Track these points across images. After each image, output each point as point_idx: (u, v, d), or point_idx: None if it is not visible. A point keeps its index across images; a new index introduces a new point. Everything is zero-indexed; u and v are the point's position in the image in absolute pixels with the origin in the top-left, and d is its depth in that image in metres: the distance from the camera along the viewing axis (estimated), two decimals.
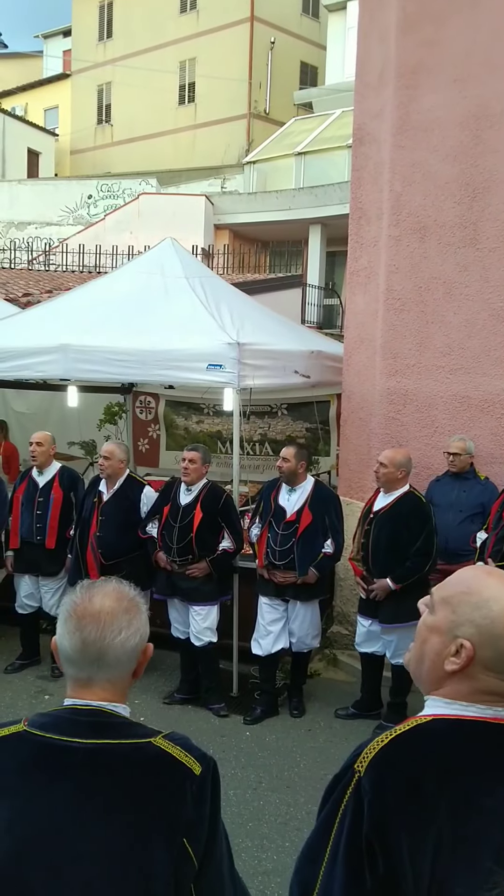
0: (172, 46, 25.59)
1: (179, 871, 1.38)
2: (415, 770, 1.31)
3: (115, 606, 1.50)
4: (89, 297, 6.65)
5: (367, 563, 5.16)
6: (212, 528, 5.28)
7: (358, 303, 6.56)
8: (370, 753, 1.34)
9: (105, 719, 1.46)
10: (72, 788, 1.39)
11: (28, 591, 5.86)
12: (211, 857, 1.44)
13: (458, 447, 5.62)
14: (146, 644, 1.54)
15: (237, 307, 6.39)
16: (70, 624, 1.48)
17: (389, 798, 1.29)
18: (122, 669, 1.51)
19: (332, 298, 17.81)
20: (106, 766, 1.41)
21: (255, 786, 4.41)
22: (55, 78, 31.21)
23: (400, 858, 1.25)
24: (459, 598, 1.40)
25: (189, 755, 1.47)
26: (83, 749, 1.41)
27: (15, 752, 1.43)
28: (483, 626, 1.36)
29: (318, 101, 21.75)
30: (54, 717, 1.48)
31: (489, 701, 1.36)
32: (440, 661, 1.39)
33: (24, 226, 20.67)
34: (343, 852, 1.30)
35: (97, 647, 1.46)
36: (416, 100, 5.95)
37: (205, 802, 1.44)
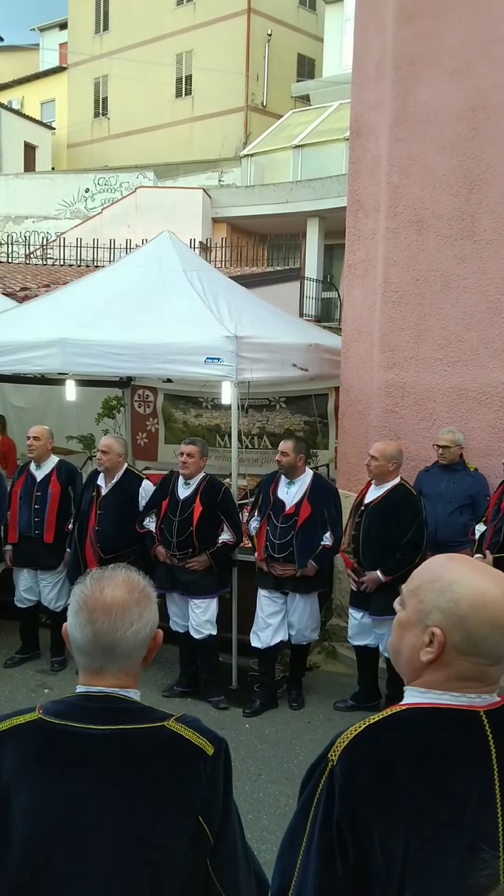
0: (169, 39, 25.49)
1: (197, 848, 1.43)
2: (386, 757, 1.32)
3: (127, 598, 1.51)
4: (87, 291, 6.64)
5: (357, 555, 5.17)
6: (211, 521, 5.28)
7: (356, 296, 6.55)
8: (344, 742, 1.36)
9: (118, 705, 1.49)
10: (89, 774, 1.42)
11: (27, 585, 5.87)
12: (225, 834, 1.49)
13: (447, 439, 5.63)
14: (156, 631, 1.56)
15: (235, 300, 6.39)
16: (81, 616, 1.49)
17: (360, 785, 1.31)
18: (134, 659, 1.53)
19: (330, 292, 17.79)
20: (121, 751, 1.45)
21: (254, 778, 4.43)
22: (52, 71, 31.09)
23: (370, 845, 1.27)
24: (425, 588, 1.41)
25: (202, 736, 1.51)
26: (99, 735, 1.44)
27: (31, 740, 1.46)
28: (448, 609, 1.36)
29: (315, 93, 21.70)
30: (68, 704, 1.50)
31: (464, 687, 1.37)
32: (416, 654, 1.40)
33: (22, 220, 20.63)
34: (317, 840, 1.32)
35: (109, 640, 1.48)
36: (413, 91, 5.94)
37: (218, 781, 1.49)
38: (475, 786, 1.30)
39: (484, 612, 1.33)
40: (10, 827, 1.39)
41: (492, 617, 1.33)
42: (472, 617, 1.34)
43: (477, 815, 1.28)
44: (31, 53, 33.65)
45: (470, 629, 1.34)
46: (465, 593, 1.35)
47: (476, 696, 1.37)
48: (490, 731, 1.34)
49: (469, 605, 1.34)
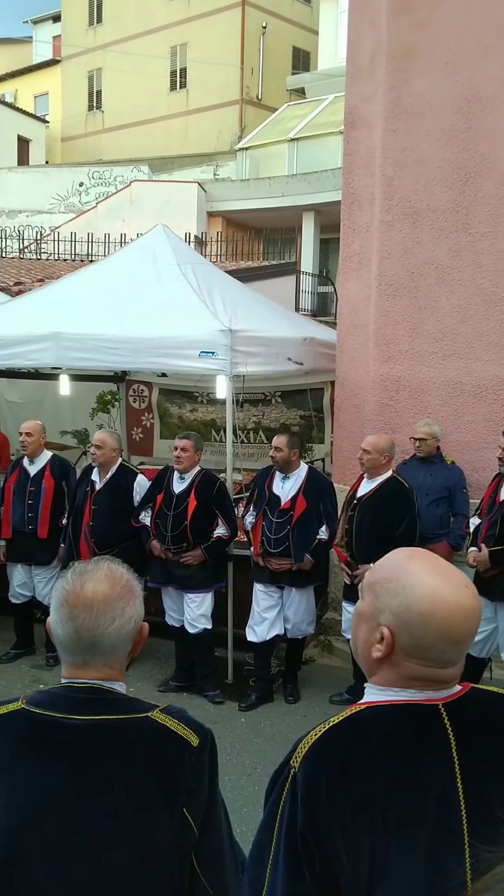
0: (163, 31, 25.36)
1: (181, 840, 1.41)
2: (345, 759, 1.31)
3: (109, 593, 1.48)
4: (80, 285, 6.61)
5: (351, 548, 5.17)
6: (206, 515, 5.27)
7: (350, 289, 6.53)
8: (304, 747, 1.34)
9: (102, 696, 1.47)
10: (71, 764, 1.40)
11: (21, 581, 5.86)
12: (210, 826, 1.47)
13: (424, 432, 5.64)
14: (141, 625, 1.54)
15: (229, 294, 6.36)
16: (63, 612, 1.47)
17: (320, 791, 1.29)
18: (118, 654, 1.51)
19: (326, 286, 17.76)
20: (104, 741, 1.43)
21: (249, 771, 4.43)
22: (45, 64, 30.93)
23: (335, 852, 1.25)
24: (381, 585, 1.39)
25: (186, 727, 1.49)
26: (82, 725, 1.43)
27: (14, 730, 1.45)
28: (399, 613, 1.34)
29: (310, 86, 21.62)
30: (52, 694, 1.49)
31: (418, 686, 1.35)
32: (368, 649, 1.39)
33: (16, 214, 20.54)
34: (283, 851, 1.30)
35: (90, 636, 1.46)
36: (407, 83, 5.91)
37: (203, 773, 1.47)
38: (436, 781, 1.28)
39: (432, 622, 1.31)
40: None
41: (439, 627, 1.31)
42: (419, 625, 1.32)
43: (438, 811, 1.26)
44: (24, 46, 33.46)
45: (417, 636, 1.33)
46: (416, 600, 1.33)
47: (433, 691, 1.35)
48: (449, 723, 1.33)
49: (418, 613, 1.32)
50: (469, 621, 1.34)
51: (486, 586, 4.86)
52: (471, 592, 1.36)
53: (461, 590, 1.35)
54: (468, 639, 1.35)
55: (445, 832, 1.25)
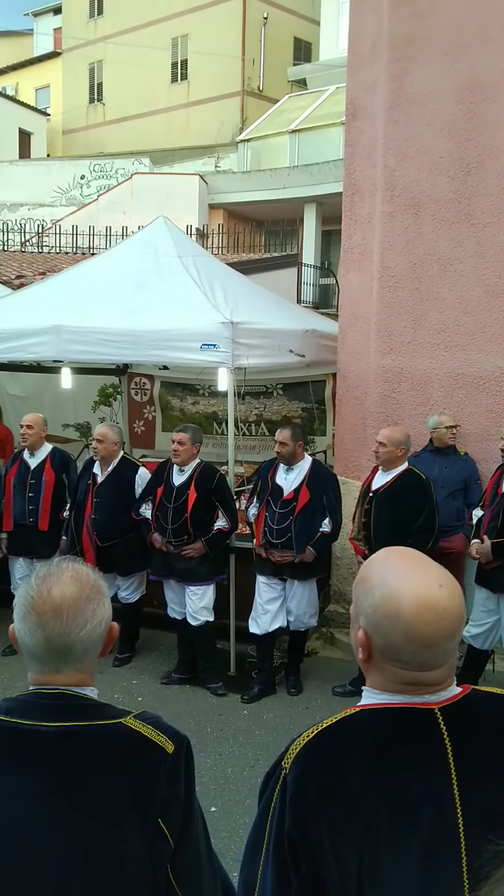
0: (164, 23, 25.24)
1: (155, 852, 1.35)
2: (336, 764, 1.28)
3: (78, 596, 1.42)
4: (81, 278, 6.60)
5: (368, 542, 5.16)
6: (206, 507, 5.27)
7: (352, 280, 6.51)
8: (296, 748, 1.32)
9: (72, 702, 1.42)
10: (41, 772, 1.35)
11: (23, 574, 5.86)
12: (187, 837, 1.41)
13: (452, 420, 5.64)
14: (111, 625, 1.49)
15: (230, 286, 6.34)
16: (30, 620, 1.40)
17: (310, 794, 1.26)
18: (90, 658, 1.46)
19: (328, 278, 17.70)
20: (75, 748, 1.37)
21: (252, 763, 4.44)
22: (46, 56, 30.81)
23: (323, 857, 1.23)
24: (358, 586, 1.38)
25: (161, 734, 1.43)
26: (51, 732, 1.37)
27: None
28: (369, 614, 1.33)
29: (311, 77, 21.51)
30: (20, 701, 1.43)
31: (410, 690, 1.32)
32: (357, 651, 1.38)
33: (17, 207, 20.49)
34: (272, 853, 1.28)
35: (62, 643, 1.40)
36: (409, 73, 5.87)
37: (178, 781, 1.41)
38: (431, 787, 1.25)
39: (398, 624, 1.29)
40: None
41: (407, 629, 1.29)
42: (387, 627, 1.30)
43: (434, 817, 1.23)
44: (24, 39, 33.34)
45: (388, 638, 1.31)
46: (382, 602, 1.31)
47: (429, 694, 1.32)
48: (445, 728, 1.30)
49: (384, 615, 1.30)
50: (440, 622, 1.28)
51: (489, 578, 4.86)
52: (444, 592, 1.30)
53: (432, 589, 1.30)
54: (442, 641, 1.30)
55: (440, 839, 1.23)
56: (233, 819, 3.85)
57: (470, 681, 4.88)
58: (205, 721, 4.91)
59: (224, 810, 3.91)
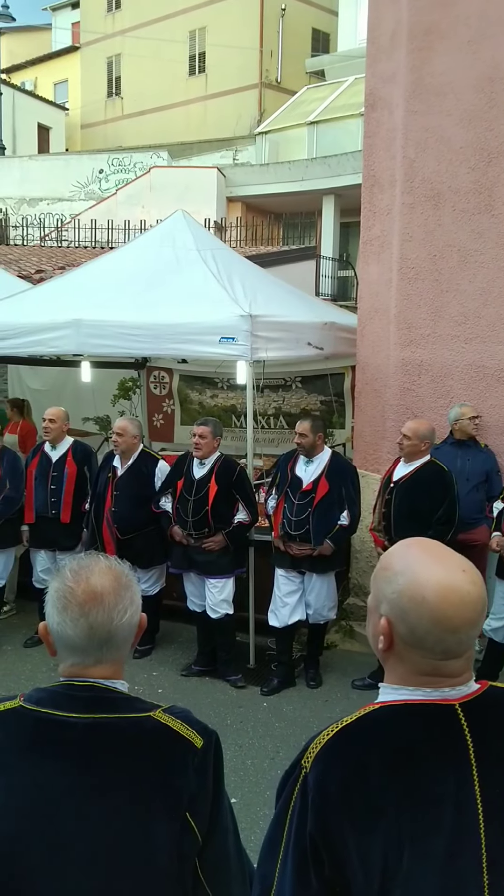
0: (182, 16, 25.21)
1: (183, 845, 1.36)
2: (358, 763, 1.27)
3: (116, 585, 1.44)
4: (101, 272, 6.62)
5: (389, 533, 5.14)
6: (227, 500, 5.28)
7: (371, 272, 6.48)
8: (316, 747, 1.31)
9: (102, 694, 1.43)
10: (70, 764, 1.36)
11: (45, 566, 5.91)
12: (215, 832, 1.41)
13: (473, 410, 5.61)
14: (141, 614, 1.51)
15: (249, 279, 6.34)
16: (72, 611, 1.41)
17: (333, 795, 1.25)
18: (127, 647, 1.48)
19: (346, 270, 17.63)
20: (104, 740, 1.38)
21: (272, 755, 4.45)
22: (64, 51, 30.88)
23: (346, 856, 1.22)
24: (378, 575, 1.38)
25: (190, 728, 1.44)
26: (80, 724, 1.38)
27: (11, 729, 1.41)
28: (393, 601, 1.32)
29: (330, 68, 21.38)
30: (51, 692, 1.44)
31: (429, 683, 1.32)
32: (376, 641, 1.37)
33: (36, 202, 20.59)
34: (292, 852, 1.28)
35: (105, 631, 1.42)
36: (429, 62, 5.82)
37: (207, 776, 1.41)
38: (452, 784, 1.25)
39: (424, 608, 1.28)
40: None
41: (433, 613, 1.28)
42: (412, 611, 1.29)
43: (456, 815, 1.23)
44: (43, 33, 33.42)
45: (412, 623, 1.30)
46: (407, 586, 1.30)
47: (449, 688, 1.32)
48: (466, 724, 1.29)
49: (409, 599, 1.30)
50: (465, 607, 1.28)
51: None
52: (468, 577, 1.30)
53: (457, 574, 1.30)
54: (467, 627, 1.29)
55: (461, 837, 1.22)
56: (252, 811, 3.87)
57: (490, 675, 4.86)
58: (224, 713, 4.93)
59: (244, 802, 3.93)
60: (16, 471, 5.80)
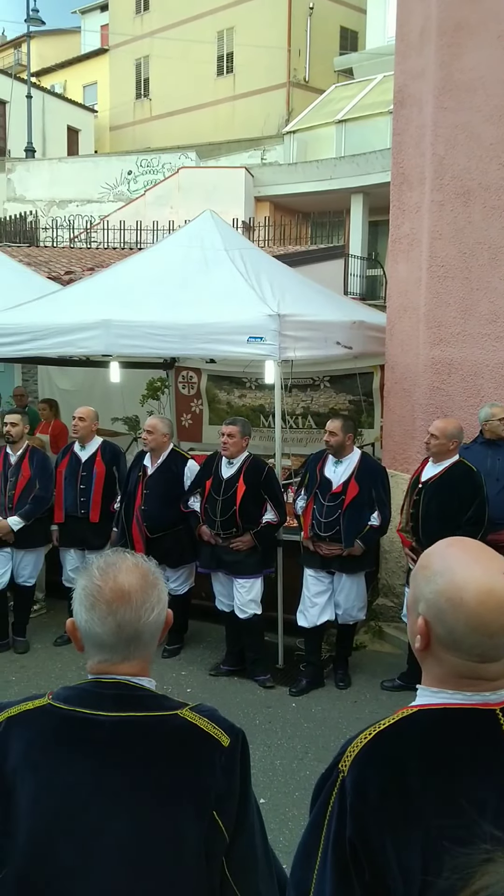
0: (210, 16, 25.25)
1: (210, 844, 1.35)
2: (397, 767, 1.25)
3: (143, 583, 1.45)
4: (129, 272, 6.65)
5: (416, 533, 5.10)
6: (255, 500, 5.28)
7: (400, 271, 6.43)
8: (353, 751, 1.29)
9: (129, 692, 1.43)
10: (97, 761, 1.37)
11: (74, 565, 5.95)
12: (242, 831, 1.41)
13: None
14: (167, 612, 1.51)
15: (277, 278, 6.33)
16: (100, 609, 1.42)
17: (371, 799, 1.24)
18: (154, 644, 1.49)
19: (375, 269, 17.53)
20: (131, 738, 1.39)
21: (301, 756, 4.44)
22: (93, 54, 31.13)
23: (385, 861, 1.20)
24: (417, 574, 1.36)
25: (217, 727, 1.44)
26: (108, 721, 1.39)
27: (40, 726, 1.42)
28: (431, 601, 1.30)
29: (358, 66, 21.27)
30: (79, 690, 1.45)
31: (468, 685, 1.29)
32: (414, 640, 1.35)
33: (66, 204, 20.76)
34: (331, 856, 1.26)
35: (133, 629, 1.43)
36: (458, 58, 5.77)
37: (234, 774, 1.41)
38: (493, 791, 1.22)
39: (461, 611, 1.26)
40: (16, 815, 1.34)
41: (468, 617, 1.26)
42: (449, 613, 1.27)
43: (495, 824, 1.18)
44: (73, 36, 33.72)
45: (449, 625, 1.28)
46: (445, 587, 1.28)
47: (490, 692, 1.29)
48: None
49: (446, 600, 1.28)
50: (502, 610, 1.26)
51: None
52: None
53: (497, 577, 1.27)
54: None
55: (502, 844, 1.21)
56: (281, 811, 3.86)
57: None
58: (253, 713, 4.93)
59: (272, 802, 3.92)
60: (45, 471, 5.85)
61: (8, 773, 1.38)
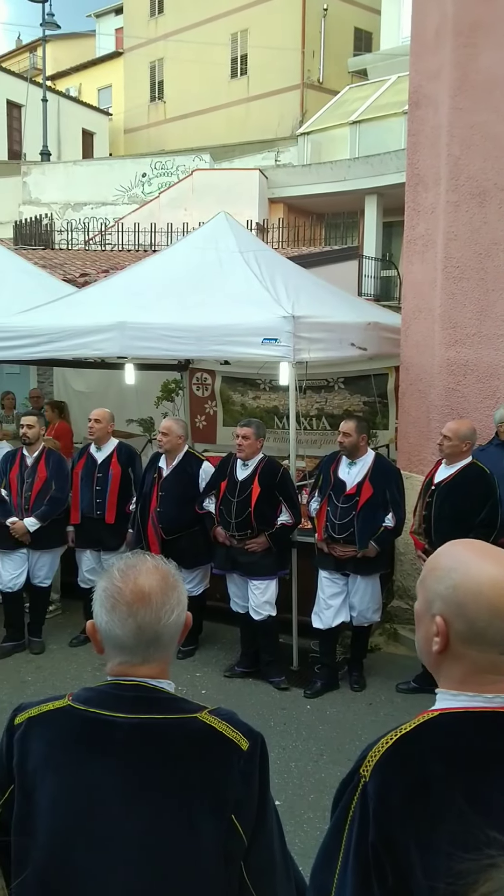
0: (223, 19, 25.30)
1: (229, 847, 1.35)
2: (421, 771, 1.24)
3: (163, 585, 1.45)
4: (144, 275, 6.67)
5: (429, 535, 5.08)
6: (270, 502, 5.28)
7: (415, 272, 6.41)
8: (375, 756, 1.28)
9: (148, 694, 1.43)
10: (116, 763, 1.37)
11: (90, 566, 5.98)
12: (261, 834, 1.41)
13: None
14: (187, 614, 1.51)
15: (292, 280, 6.33)
16: (120, 611, 1.43)
17: (394, 803, 1.23)
18: (173, 646, 1.49)
19: (389, 270, 17.50)
20: (150, 740, 1.39)
21: (316, 758, 4.43)
22: (108, 57, 31.28)
23: (409, 867, 1.19)
24: (427, 576, 1.36)
25: (236, 730, 1.44)
26: (127, 723, 1.39)
27: (59, 727, 1.43)
28: (447, 596, 1.30)
29: (372, 67, 21.24)
30: (98, 691, 1.46)
31: (490, 684, 1.28)
32: (429, 646, 1.34)
33: (81, 206, 20.84)
34: (352, 861, 1.26)
35: (153, 631, 1.43)
36: (475, 58, 5.74)
37: (253, 778, 1.41)
38: None
39: (482, 598, 1.26)
40: (36, 815, 1.35)
41: (490, 602, 1.26)
42: (469, 603, 1.27)
43: None
44: (87, 40, 33.88)
45: (470, 616, 1.27)
46: (462, 579, 1.29)
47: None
48: None
49: (465, 591, 1.28)
50: None
51: None
52: None
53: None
54: None
55: None
56: (296, 814, 3.85)
57: None
58: (268, 715, 4.92)
59: (287, 805, 3.91)
60: (61, 472, 5.88)
61: (29, 773, 1.39)
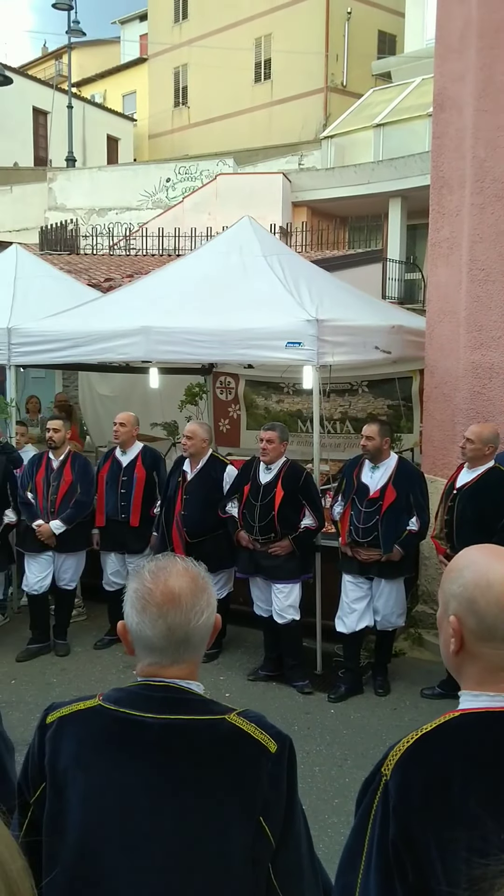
0: (247, 24, 25.38)
1: (257, 850, 1.36)
2: (441, 770, 1.25)
3: (193, 587, 1.47)
4: (169, 280, 6.71)
5: (451, 540, 5.05)
6: (293, 505, 5.27)
7: (440, 275, 6.38)
8: (396, 755, 1.30)
9: (178, 695, 1.44)
10: (146, 764, 1.38)
11: (114, 569, 6.02)
12: (289, 837, 1.41)
13: None
14: (216, 616, 1.52)
15: (315, 284, 6.33)
16: (151, 612, 1.44)
17: (414, 800, 1.24)
18: (203, 647, 1.50)
19: (413, 273, 17.42)
20: (179, 741, 1.40)
21: (340, 763, 4.41)
22: (132, 63, 31.51)
23: (429, 865, 1.20)
24: (444, 579, 1.40)
25: (265, 733, 1.44)
26: (156, 724, 1.40)
27: (90, 727, 1.44)
28: (459, 594, 1.33)
29: (396, 70, 21.18)
30: (128, 692, 1.47)
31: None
32: (448, 649, 1.37)
33: (105, 212, 20.99)
34: (375, 859, 1.27)
35: (183, 632, 1.44)
36: (500, 60, 5.71)
37: (281, 781, 1.41)
38: None
39: (490, 593, 1.29)
40: (67, 812, 1.37)
41: (499, 597, 1.29)
42: (479, 598, 1.30)
43: None
44: (112, 47, 34.16)
45: (480, 612, 1.30)
46: (473, 576, 1.33)
47: None
48: None
49: (475, 587, 1.31)
50: None
51: None
52: None
53: None
54: None
55: None
56: (320, 818, 3.84)
57: None
58: (291, 719, 4.92)
59: (312, 809, 3.90)
60: (86, 475, 5.93)
61: (59, 772, 1.40)
